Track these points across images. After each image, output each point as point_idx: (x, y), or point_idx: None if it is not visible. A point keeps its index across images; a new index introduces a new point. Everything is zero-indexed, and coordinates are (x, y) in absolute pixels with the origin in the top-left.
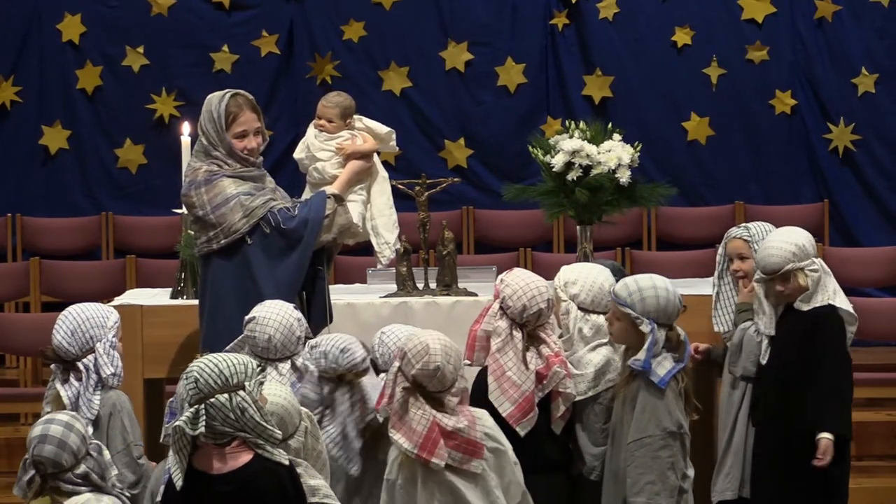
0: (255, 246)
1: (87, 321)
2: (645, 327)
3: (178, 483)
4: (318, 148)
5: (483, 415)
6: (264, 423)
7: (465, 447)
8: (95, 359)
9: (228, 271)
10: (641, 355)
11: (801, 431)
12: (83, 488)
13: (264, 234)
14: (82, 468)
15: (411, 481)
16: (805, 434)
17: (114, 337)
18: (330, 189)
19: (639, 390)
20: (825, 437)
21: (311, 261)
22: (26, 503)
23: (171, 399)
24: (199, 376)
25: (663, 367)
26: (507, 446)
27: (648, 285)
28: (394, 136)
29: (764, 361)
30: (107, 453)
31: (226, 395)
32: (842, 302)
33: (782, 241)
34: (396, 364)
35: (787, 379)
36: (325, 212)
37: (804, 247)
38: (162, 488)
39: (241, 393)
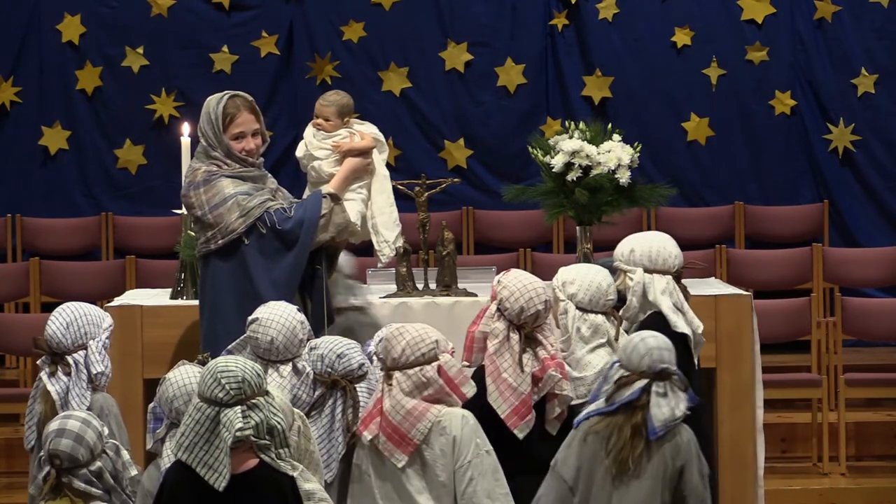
0: (251, 246)
1: (83, 316)
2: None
3: (222, 485)
4: (315, 146)
5: (450, 415)
6: (286, 429)
7: (392, 435)
8: (86, 355)
9: (226, 271)
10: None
11: None
12: (96, 490)
13: (261, 234)
14: (97, 465)
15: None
16: None
17: (107, 339)
18: (326, 188)
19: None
20: None
21: (309, 260)
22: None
23: (152, 404)
24: (244, 377)
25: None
26: (486, 456)
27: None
28: (383, 140)
29: None
30: (125, 454)
31: (263, 398)
32: (678, 321)
33: (629, 239)
34: None
35: None
36: (321, 212)
37: (633, 252)
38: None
39: (268, 397)
